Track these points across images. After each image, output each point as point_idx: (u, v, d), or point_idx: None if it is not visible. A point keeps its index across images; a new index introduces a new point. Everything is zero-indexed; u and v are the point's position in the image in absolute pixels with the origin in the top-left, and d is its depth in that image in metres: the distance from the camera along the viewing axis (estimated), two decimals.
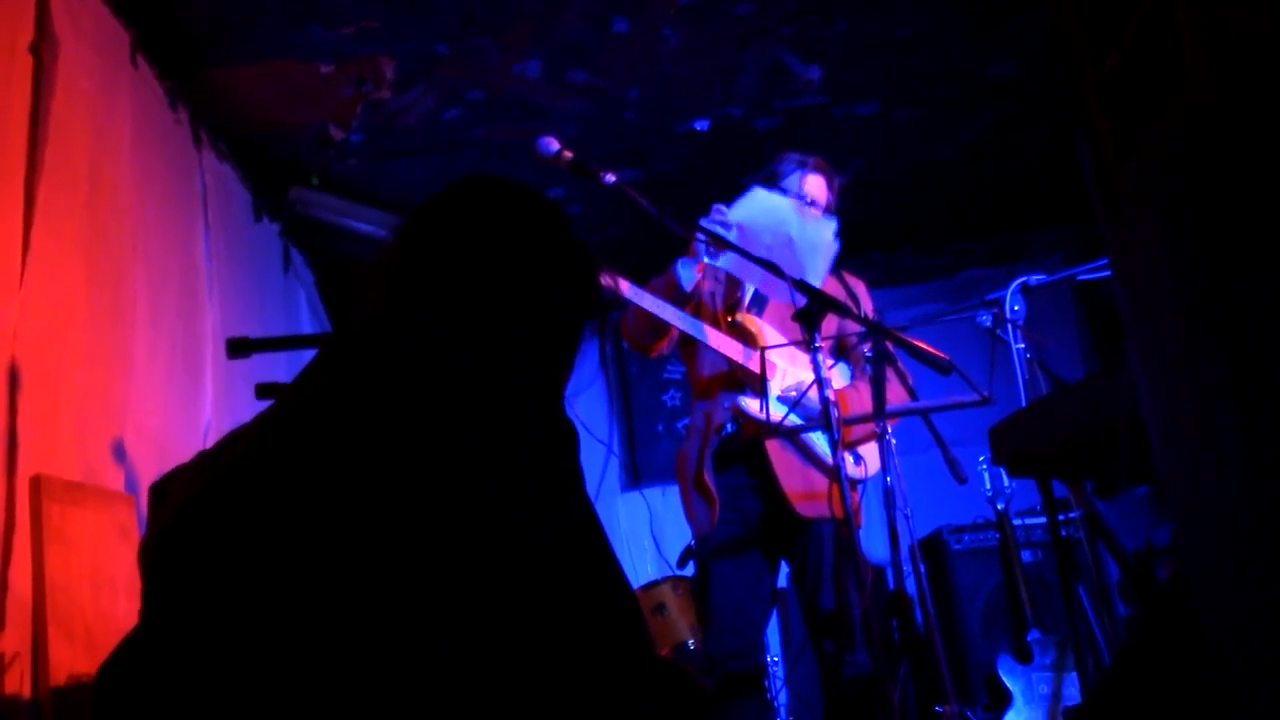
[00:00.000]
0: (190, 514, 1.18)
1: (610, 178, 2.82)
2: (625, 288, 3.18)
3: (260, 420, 1.28)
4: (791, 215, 3.26)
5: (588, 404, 6.76)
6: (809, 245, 3.22)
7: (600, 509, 4.55)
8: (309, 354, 2.63)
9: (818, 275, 3.21)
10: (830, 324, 3.23)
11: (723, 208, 3.25)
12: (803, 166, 3.55)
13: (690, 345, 3.55)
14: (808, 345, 2.76)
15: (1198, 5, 1.09)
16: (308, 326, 5.25)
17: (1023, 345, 3.17)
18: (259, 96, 4.43)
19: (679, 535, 4.62)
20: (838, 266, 3.49)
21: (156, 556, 1.19)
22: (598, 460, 6.57)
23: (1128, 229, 1.30)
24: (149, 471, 3.42)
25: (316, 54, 4.21)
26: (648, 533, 6.18)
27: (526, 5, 4.06)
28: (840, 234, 3.31)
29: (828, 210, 3.51)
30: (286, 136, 4.77)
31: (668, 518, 5.64)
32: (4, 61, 2.92)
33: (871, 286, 3.74)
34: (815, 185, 3.54)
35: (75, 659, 2.77)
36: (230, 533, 1.14)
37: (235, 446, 1.26)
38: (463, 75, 4.47)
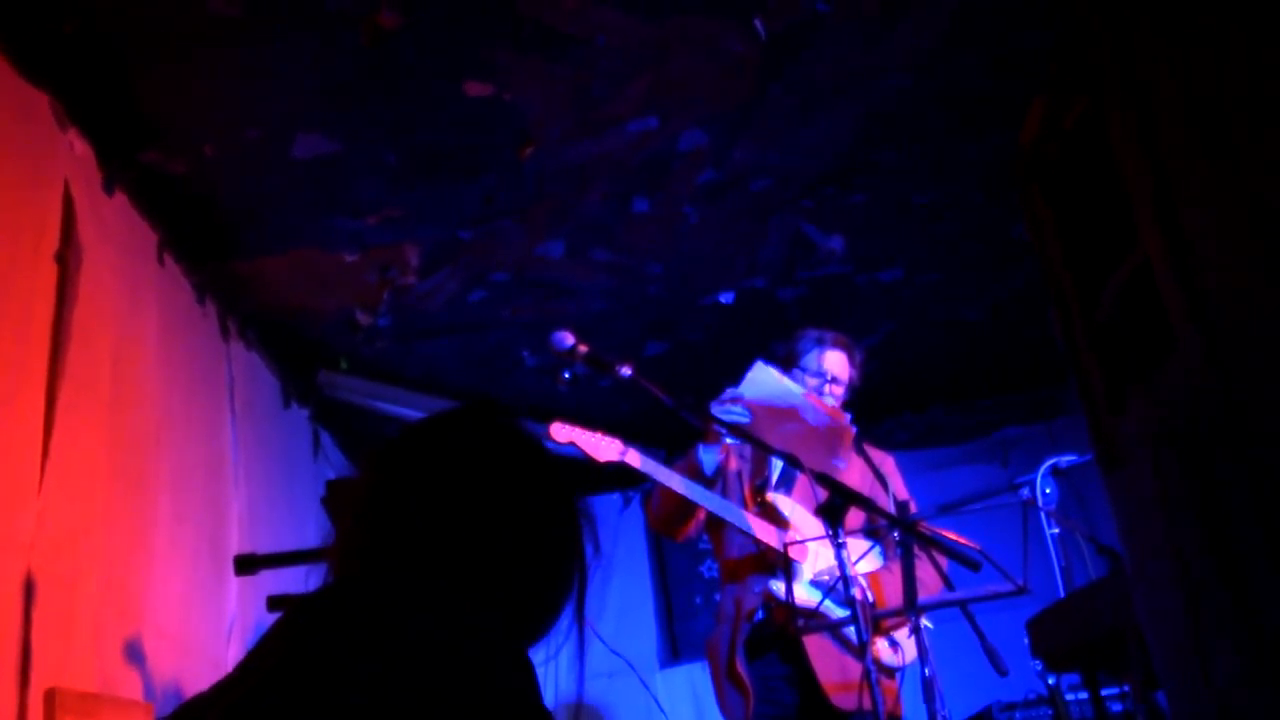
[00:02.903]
0: None
1: (626, 370, 2.79)
2: (637, 461, 3.13)
3: (229, 688, 1.23)
4: (803, 403, 3.21)
5: (631, 576, 6.64)
6: (827, 431, 3.17)
7: (636, 688, 4.36)
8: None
9: (842, 460, 3.15)
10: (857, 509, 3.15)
11: (735, 392, 3.21)
12: (820, 344, 3.52)
13: (717, 527, 3.48)
14: (832, 542, 2.68)
15: (1177, 265, 1.06)
16: None
17: (1056, 530, 3.07)
18: (286, 286, 4.48)
19: (720, 714, 4.47)
20: (864, 442, 3.42)
21: None
22: (643, 636, 6.43)
23: (1126, 482, 1.25)
24: (169, 675, 3.35)
25: (341, 243, 4.26)
26: (689, 712, 6.01)
27: (547, 189, 4.12)
28: (870, 394, 3.25)
29: (850, 386, 3.46)
30: (314, 323, 4.81)
31: (709, 695, 5.48)
32: (28, 271, 2.96)
33: (904, 448, 3.67)
34: (835, 361, 3.50)
35: None
36: None
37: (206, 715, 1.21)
38: (486, 258, 4.52)
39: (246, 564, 2.12)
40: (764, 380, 3.20)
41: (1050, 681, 4.13)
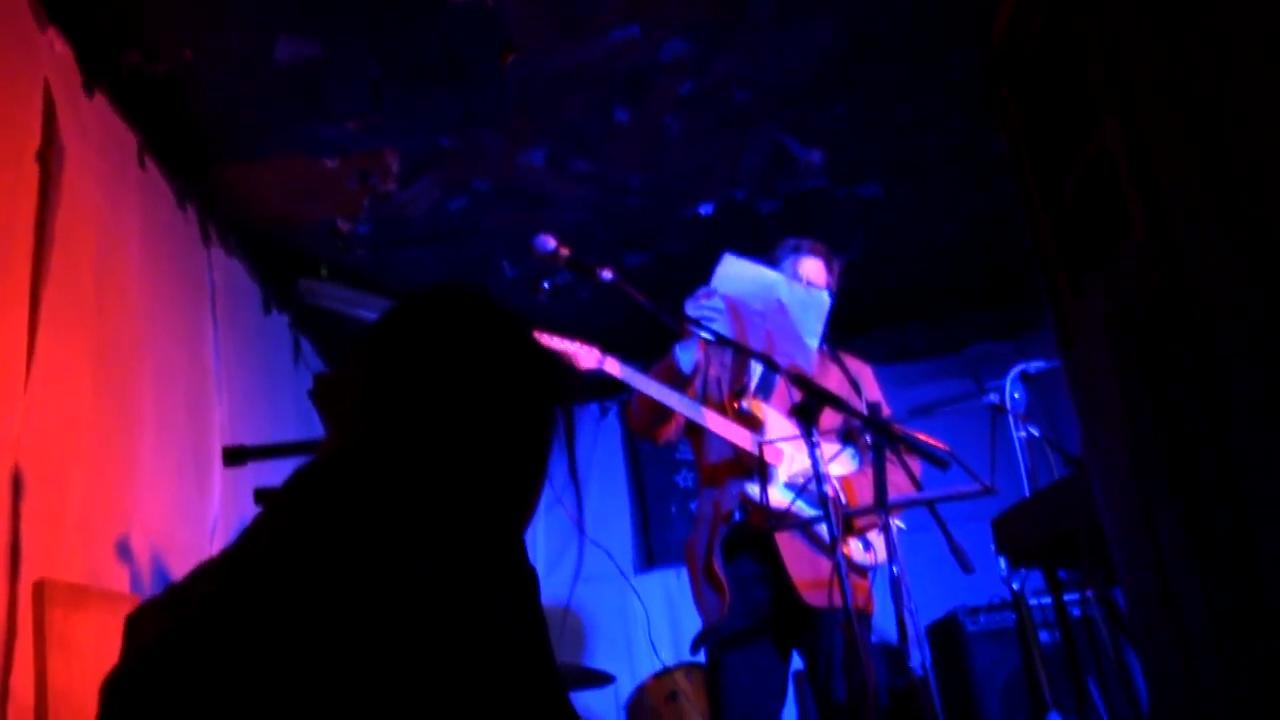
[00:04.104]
0: (148, 660, 1.18)
1: (607, 274, 2.83)
2: (615, 369, 3.19)
3: (224, 559, 1.29)
4: (776, 280, 3.26)
5: (608, 485, 6.74)
6: (800, 305, 3.22)
7: (612, 592, 4.47)
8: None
9: (814, 334, 3.20)
10: (832, 413, 3.22)
11: (708, 288, 3.25)
12: (797, 251, 3.56)
13: (697, 432, 3.55)
14: (806, 441, 2.75)
15: (1134, 160, 1.11)
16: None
17: (1024, 433, 3.15)
18: (267, 192, 4.49)
19: (694, 618, 4.58)
20: (840, 349, 3.48)
21: (115, 700, 1.19)
22: (619, 543, 6.53)
23: (1083, 361, 1.31)
24: (154, 571, 3.42)
25: (322, 149, 4.26)
26: (663, 616, 6.14)
27: (528, 97, 4.12)
28: (846, 310, 3.29)
29: (826, 293, 3.50)
30: (295, 229, 4.82)
31: (682, 600, 5.60)
32: (10, 170, 2.96)
33: (879, 362, 3.72)
34: (811, 268, 3.54)
35: None
36: (187, 681, 1.14)
37: (200, 586, 1.26)
38: (467, 166, 4.52)
39: (235, 455, 2.17)
40: (735, 272, 3.24)
41: (1015, 586, 4.25)
